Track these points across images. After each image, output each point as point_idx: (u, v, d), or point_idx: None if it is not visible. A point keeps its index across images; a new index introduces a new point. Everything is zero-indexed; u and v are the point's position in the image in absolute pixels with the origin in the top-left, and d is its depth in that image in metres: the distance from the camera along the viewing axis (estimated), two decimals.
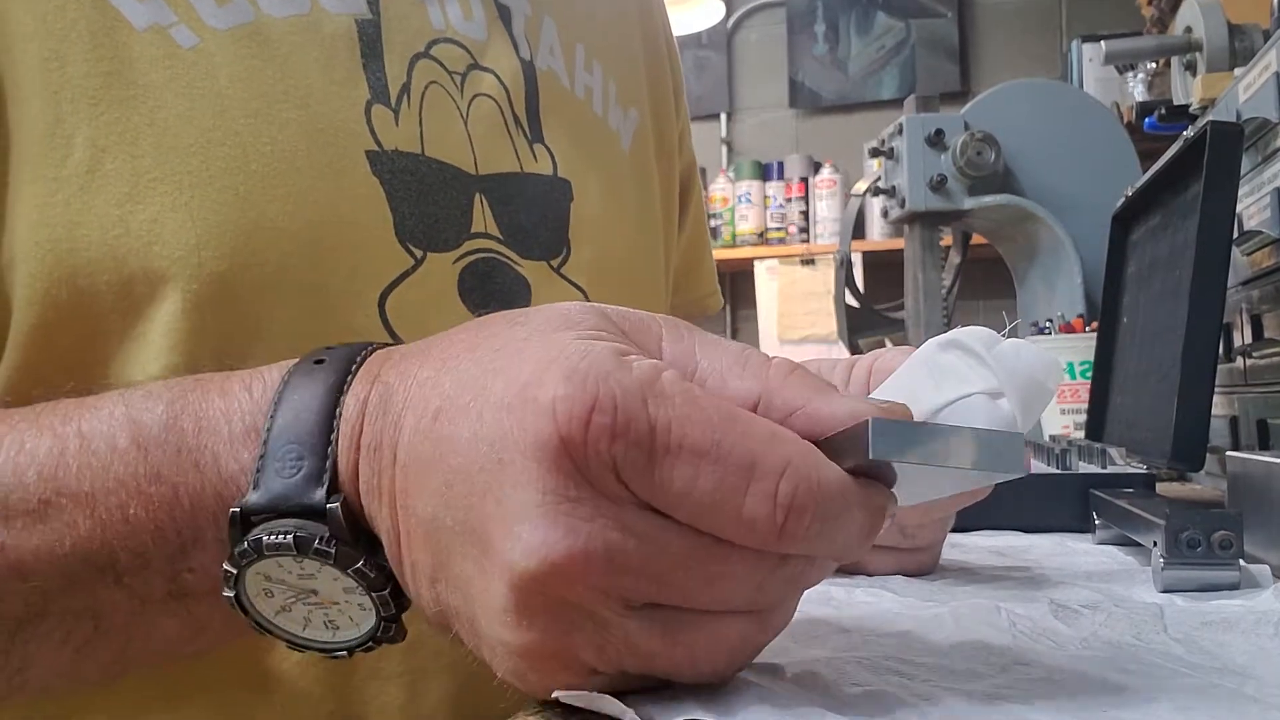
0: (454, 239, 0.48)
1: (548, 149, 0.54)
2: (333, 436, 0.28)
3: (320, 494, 0.28)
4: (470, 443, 0.26)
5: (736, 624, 0.26)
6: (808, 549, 0.25)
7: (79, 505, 0.31)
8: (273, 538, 0.28)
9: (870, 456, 0.24)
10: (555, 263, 0.53)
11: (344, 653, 0.30)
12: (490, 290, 0.49)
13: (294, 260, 0.42)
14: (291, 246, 0.42)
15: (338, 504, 0.28)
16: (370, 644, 0.30)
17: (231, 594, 0.29)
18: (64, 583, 0.31)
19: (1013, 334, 0.37)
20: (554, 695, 0.25)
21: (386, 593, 0.28)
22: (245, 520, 0.28)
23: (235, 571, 0.28)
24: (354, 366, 0.30)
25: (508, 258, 0.50)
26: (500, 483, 0.25)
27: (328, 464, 0.28)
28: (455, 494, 0.26)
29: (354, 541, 0.28)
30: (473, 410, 0.26)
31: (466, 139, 0.50)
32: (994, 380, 0.34)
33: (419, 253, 0.46)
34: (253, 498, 0.28)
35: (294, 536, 0.27)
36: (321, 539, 0.28)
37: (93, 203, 0.39)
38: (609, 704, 0.25)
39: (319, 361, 0.30)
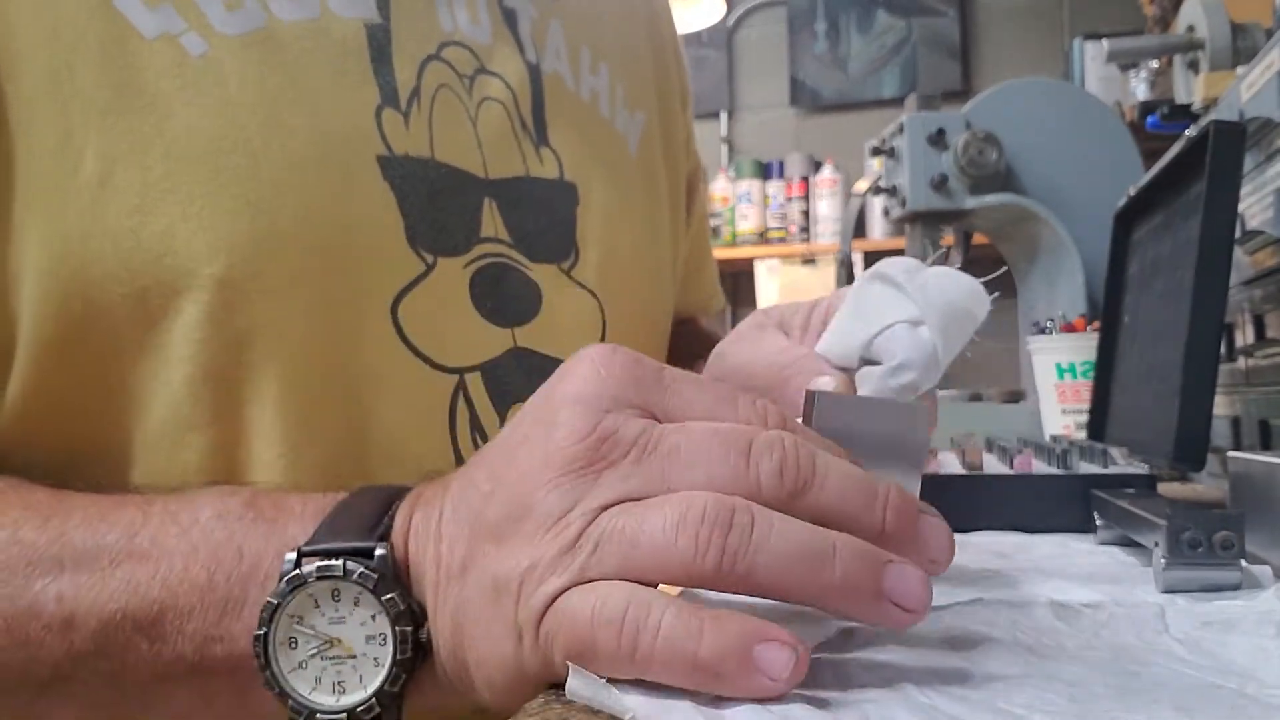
0: (464, 243, 0.48)
1: (554, 152, 0.54)
2: (391, 511, 0.33)
3: (372, 540, 0.31)
4: (505, 437, 0.31)
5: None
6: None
7: (145, 562, 0.33)
8: (324, 561, 0.31)
9: None
10: (565, 265, 0.53)
11: (343, 714, 0.31)
12: (501, 294, 0.49)
13: (306, 267, 0.42)
14: (303, 254, 0.42)
15: (386, 550, 0.31)
16: (371, 708, 0.30)
17: (262, 632, 0.30)
18: (100, 644, 0.33)
19: (941, 261, 0.37)
20: (567, 685, 0.26)
21: (410, 630, 0.30)
22: (300, 560, 0.31)
23: (276, 603, 0.30)
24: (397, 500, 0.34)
25: (518, 261, 0.50)
26: (539, 423, 0.30)
27: (384, 521, 0.32)
28: (494, 468, 0.30)
29: (393, 580, 0.31)
30: (504, 443, 0.31)
31: (476, 143, 0.50)
32: (914, 309, 0.34)
33: (430, 258, 0.46)
34: (313, 542, 0.32)
35: (344, 563, 0.30)
36: (367, 569, 0.30)
37: (104, 215, 0.39)
38: (615, 700, 0.25)
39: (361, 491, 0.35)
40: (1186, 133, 0.59)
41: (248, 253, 0.40)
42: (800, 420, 0.32)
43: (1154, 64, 1.77)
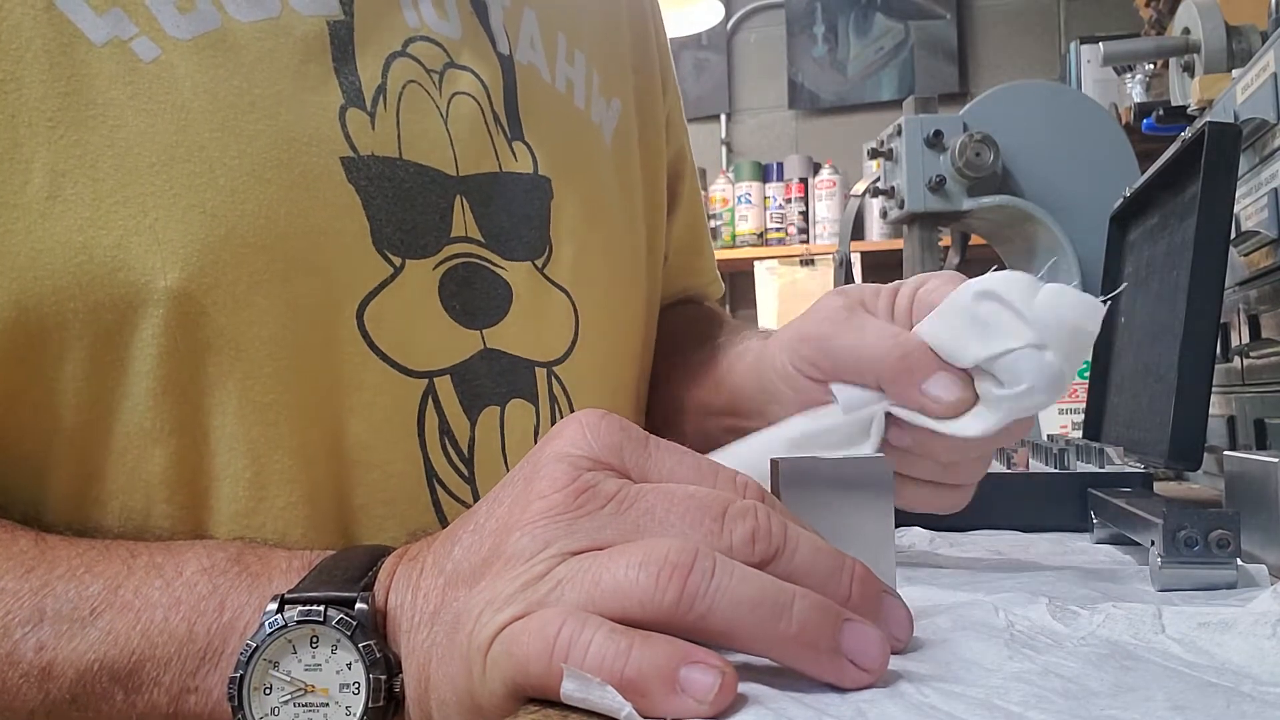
0: (434, 244, 0.47)
1: (528, 146, 0.53)
2: (376, 565, 0.33)
3: (354, 590, 0.32)
4: (492, 493, 0.32)
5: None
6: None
7: (126, 613, 0.34)
8: (305, 608, 0.31)
9: None
10: (539, 263, 0.52)
11: None
12: (471, 296, 0.48)
13: (267, 275, 0.41)
14: (263, 261, 0.41)
15: (368, 600, 0.32)
16: None
17: (238, 675, 0.30)
18: (76, 693, 0.33)
19: (1051, 274, 0.36)
20: (561, 689, 0.25)
21: (384, 679, 0.30)
22: (282, 606, 0.31)
23: (254, 646, 0.31)
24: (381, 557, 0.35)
25: (489, 261, 0.49)
26: (524, 478, 0.31)
27: (369, 575, 0.33)
28: (478, 521, 0.31)
29: (371, 629, 0.31)
30: (489, 500, 0.32)
31: (447, 139, 0.48)
32: (1034, 334, 0.34)
33: (397, 260, 0.45)
34: (296, 590, 0.32)
35: (325, 609, 0.31)
36: (347, 615, 0.31)
37: (54, 230, 0.38)
38: (610, 697, 0.25)
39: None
40: (1182, 135, 0.59)
41: (205, 263, 0.39)
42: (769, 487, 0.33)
43: (1150, 67, 1.78)
